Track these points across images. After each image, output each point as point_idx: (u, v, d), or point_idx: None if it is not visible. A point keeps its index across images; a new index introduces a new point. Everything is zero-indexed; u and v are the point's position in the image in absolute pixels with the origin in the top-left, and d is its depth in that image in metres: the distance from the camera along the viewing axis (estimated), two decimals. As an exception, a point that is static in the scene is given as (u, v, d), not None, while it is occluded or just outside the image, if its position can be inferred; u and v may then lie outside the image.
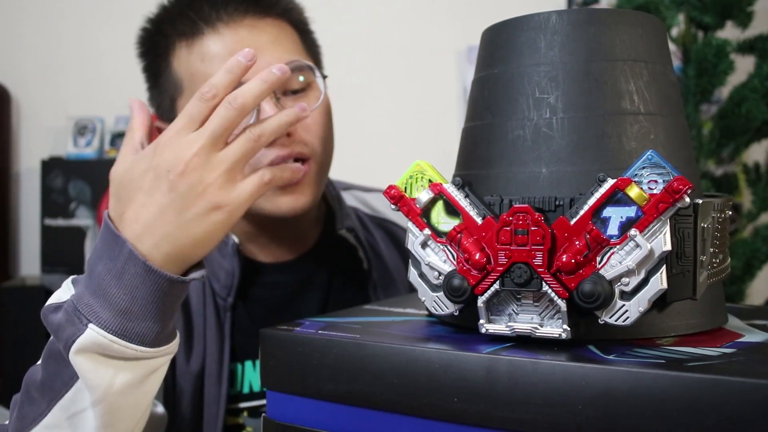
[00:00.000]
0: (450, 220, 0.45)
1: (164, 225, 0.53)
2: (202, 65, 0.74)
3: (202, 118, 0.54)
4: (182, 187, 0.52)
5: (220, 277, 0.78)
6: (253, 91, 0.55)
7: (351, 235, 0.83)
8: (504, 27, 0.49)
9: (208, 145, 0.53)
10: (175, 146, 0.53)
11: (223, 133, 0.54)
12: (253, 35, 0.75)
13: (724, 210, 0.47)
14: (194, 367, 0.75)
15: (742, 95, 1.47)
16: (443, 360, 0.42)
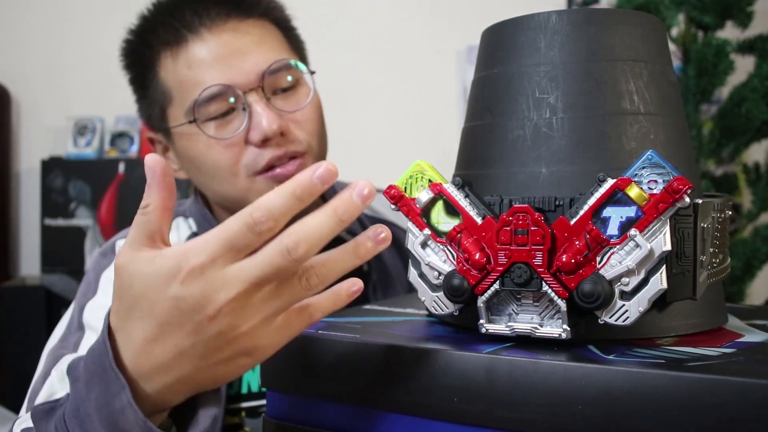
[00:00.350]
0: (450, 220, 0.45)
1: (181, 368, 0.43)
2: (189, 72, 0.74)
3: (246, 251, 0.41)
4: (210, 332, 0.41)
5: None
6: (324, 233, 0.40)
7: (350, 237, 0.83)
8: (504, 27, 0.49)
9: (250, 292, 0.40)
10: (209, 282, 0.40)
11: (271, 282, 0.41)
12: (237, 38, 0.75)
13: (724, 210, 0.47)
14: None
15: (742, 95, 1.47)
16: (443, 360, 0.42)
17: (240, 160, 0.74)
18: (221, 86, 0.73)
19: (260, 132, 0.73)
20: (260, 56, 0.74)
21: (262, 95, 0.74)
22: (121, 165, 2.26)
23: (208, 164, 0.76)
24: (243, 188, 0.75)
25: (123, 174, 2.26)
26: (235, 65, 0.74)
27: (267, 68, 0.74)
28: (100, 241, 2.25)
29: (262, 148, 0.73)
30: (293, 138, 0.75)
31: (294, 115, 0.76)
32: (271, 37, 0.78)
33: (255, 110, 0.73)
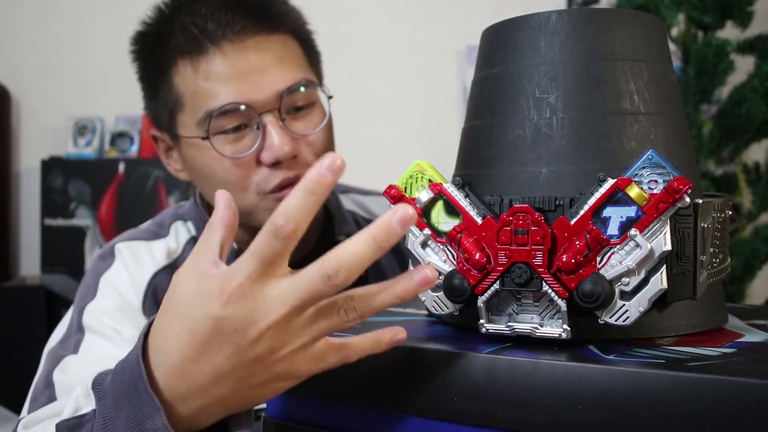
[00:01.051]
0: (450, 220, 0.45)
1: (218, 390, 0.42)
2: (206, 83, 0.73)
3: (279, 259, 0.42)
4: (250, 354, 0.41)
5: None
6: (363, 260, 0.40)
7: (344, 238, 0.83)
8: (504, 27, 0.49)
9: (292, 315, 0.40)
10: (250, 302, 0.40)
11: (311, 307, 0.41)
12: (258, 55, 0.74)
13: (724, 210, 0.47)
14: None
15: (742, 95, 1.47)
16: (443, 360, 0.42)
17: (250, 177, 0.74)
18: (237, 104, 0.72)
19: (272, 154, 0.72)
20: (279, 75, 0.73)
21: (277, 116, 0.73)
22: (121, 165, 2.26)
23: (216, 178, 0.75)
24: (251, 204, 0.75)
25: (123, 174, 2.26)
26: (254, 83, 0.72)
27: (285, 89, 0.73)
28: (100, 241, 2.25)
29: (273, 169, 0.73)
30: (304, 161, 0.74)
31: (308, 139, 0.75)
32: (291, 55, 0.77)
33: (269, 131, 0.72)
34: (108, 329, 0.73)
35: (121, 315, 0.74)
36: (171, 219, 0.84)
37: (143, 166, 2.27)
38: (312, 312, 0.41)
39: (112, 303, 0.75)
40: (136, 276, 0.77)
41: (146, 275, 0.78)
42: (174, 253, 0.81)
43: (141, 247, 0.80)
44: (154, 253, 0.80)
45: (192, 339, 0.41)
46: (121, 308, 0.75)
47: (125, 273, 0.77)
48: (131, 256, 0.79)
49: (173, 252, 0.81)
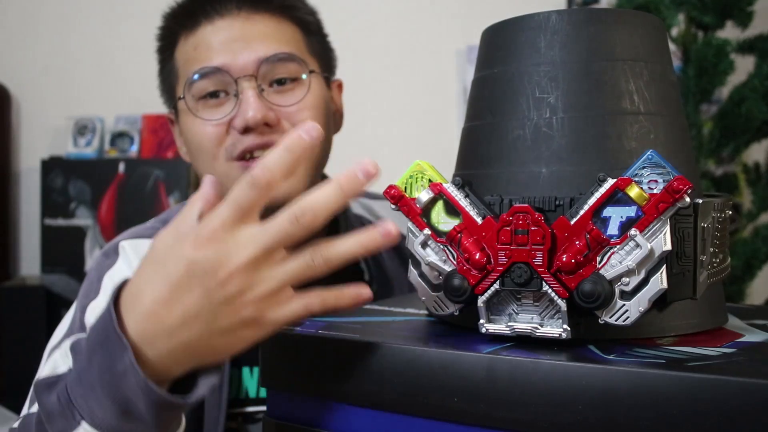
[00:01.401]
0: (450, 219, 0.45)
1: (186, 333, 0.44)
2: (194, 52, 0.76)
3: (253, 208, 0.44)
4: (219, 296, 0.43)
5: None
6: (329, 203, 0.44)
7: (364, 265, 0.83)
8: (504, 27, 0.49)
9: (260, 258, 0.43)
10: (222, 246, 0.43)
11: (280, 248, 0.44)
12: (246, 27, 0.76)
13: (724, 210, 0.47)
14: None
15: (742, 95, 1.47)
16: (443, 360, 0.42)
17: (222, 143, 0.75)
18: (214, 68, 0.74)
19: (243, 119, 0.73)
20: (262, 45, 0.75)
21: (254, 83, 0.74)
22: (121, 165, 2.26)
23: (195, 143, 0.77)
24: (221, 173, 0.75)
25: (123, 174, 2.26)
26: (236, 50, 0.75)
27: (265, 57, 0.74)
28: (100, 241, 2.25)
29: (243, 135, 0.74)
30: (280, 131, 0.75)
31: (288, 109, 0.76)
32: (282, 33, 0.78)
33: (244, 97, 0.73)
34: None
35: None
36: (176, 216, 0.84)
37: (143, 166, 2.27)
38: (280, 257, 0.44)
39: None
40: None
41: None
42: None
43: (145, 245, 0.80)
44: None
45: (164, 282, 0.43)
46: None
47: (129, 272, 0.77)
48: (135, 254, 0.79)
49: None
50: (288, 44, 0.77)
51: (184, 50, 0.78)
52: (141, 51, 2.62)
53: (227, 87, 0.75)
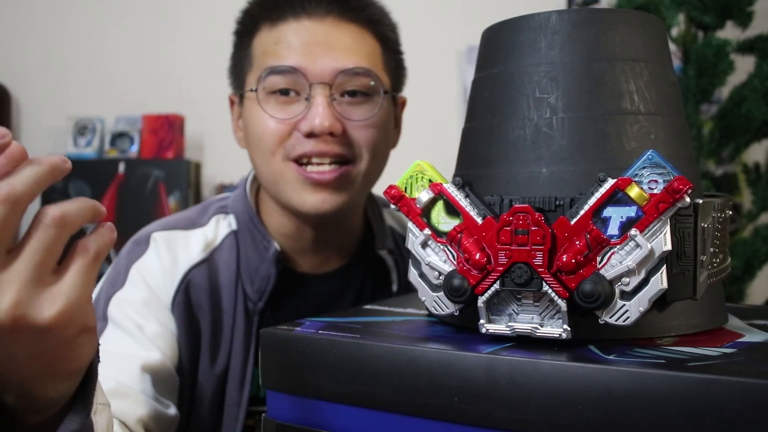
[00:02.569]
0: (450, 220, 0.45)
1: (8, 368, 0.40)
2: (274, 47, 0.76)
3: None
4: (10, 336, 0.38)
5: (255, 280, 0.77)
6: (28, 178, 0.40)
7: (391, 257, 0.83)
8: (504, 27, 0.49)
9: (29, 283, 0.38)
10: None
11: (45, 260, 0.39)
12: (331, 33, 0.76)
13: (724, 210, 0.47)
14: (218, 369, 0.75)
15: (742, 95, 1.47)
16: (443, 360, 0.42)
17: (283, 142, 0.75)
18: (291, 67, 0.74)
19: (310, 124, 0.73)
20: (343, 55, 0.75)
21: (328, 91, 0.74)
22: (121, 165, 2.26)
23: (256, 135, 0.77)
24: (277, 170, 0.75)
25: (123, 174, 2.26)
26: (316, 55, 0.74)
27: (344, 68, 0.74)
28: (100, 241, 2.24)
29: (306, 139, 0.74)
30: (343, 141, 0.74)
31: (354, 123, 0.75)
32: (364, 46, 0.77)
33: (315, 103, 0.73)
34: (131, 324, 0.72)
35: (147, 309, 0.73)
36: (214, 210, 0.84)
37: (143, 166, 2.27)
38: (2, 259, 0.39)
39: (139, 295, 0.74)
40: (170, 270, 0.76)
41: (180, 270, 0.76)
42: (211, 245, 0.79)
43: (178, 238, 0.79)
44: (190, 245, 0.79)
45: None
46: (148, 302, 0.74)
47: (158, 265, 0.76)
48: (166, 247, 0.78)
49: (210, 243, 0.80)
50: (367, 58, 0.77)
51: (263, 41, 0.78)
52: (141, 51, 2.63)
53: (300, 88, 0.75)
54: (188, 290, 0.75)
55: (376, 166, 0.78)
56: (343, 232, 0.83)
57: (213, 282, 0.77)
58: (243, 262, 0.78)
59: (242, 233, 0.80)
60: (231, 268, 0.78)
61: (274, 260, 0.77)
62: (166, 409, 0.70)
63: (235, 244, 0.79)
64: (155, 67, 2.42)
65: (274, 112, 0.75)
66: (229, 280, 0.77)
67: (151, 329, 0.72)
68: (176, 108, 2.35)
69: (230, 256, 0.78)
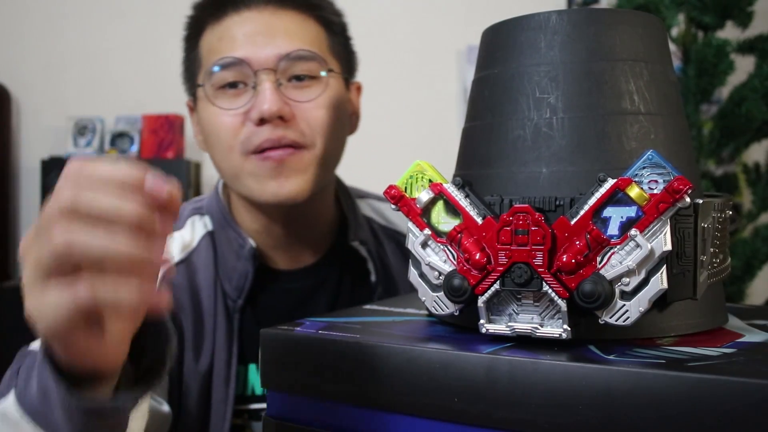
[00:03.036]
0: (450, 220, 0.45)
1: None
2: (218, 43, 0.77)
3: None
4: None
5: (233, 278, 0.78)
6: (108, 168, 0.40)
7: (363, 247, 0.83)
8: (504, 27, 0.49)
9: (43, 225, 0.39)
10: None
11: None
12: (270, 21, 0.76)
13: (724, 210, 0.47)
14: (202, 367, 0.75)
15: (742, 95, 1.47)
16: (443, 360, 0.42)
17: (238, 135, 0.75)
18: (235, 59, 0.75)
19: (259, 110, 0.73)
20: (285, 41, 0.76)
21: (273, 77, 0.74)
22: (121, 165, 2.26)
23: (211, 133, 0.77)
24: (236, 165, 0.76)
25: (123, 174, 2.26)
26: (258, 43, 0.75)
27: (286, 53, 0.75)
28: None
29: (259, 127, 0.74)
30: (295, 127, 0.75)
31: (304, 106, 0.76)
32: (306, 31, 0.78)
33: (261, 89, 0.74)
34: None
35: None
36: (189, 212, 0.85)
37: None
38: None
39: None
40: None
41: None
42: (188, 247, 0.81)
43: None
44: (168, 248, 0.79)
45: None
46: None
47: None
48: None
49: (188, 246, 0.81)
50: (311, 42, 0.78)
51: (208, 40, 0.79)
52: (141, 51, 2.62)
53: (246, 79, 0.75)
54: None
55: (332, 149, 0.79)
56: (314, 225, 0.83)
57: (192, 282, 0.78)
58: (220, 262, 0.79)
59: (218, 233, 0.81)
60: (209, 268, 0.79)
61: (250, 257, 0.78)
62: (159, 406, 0.70)
63: (211, 244, 0.81)
64: (155, 67, 2.42)
65: (224, 105, 0.76)
66: (207, 280, 0.78)
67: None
68: (176, 108, 2.35)
69: (207, 256, 0.79)
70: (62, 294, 0.38)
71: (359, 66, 0.90)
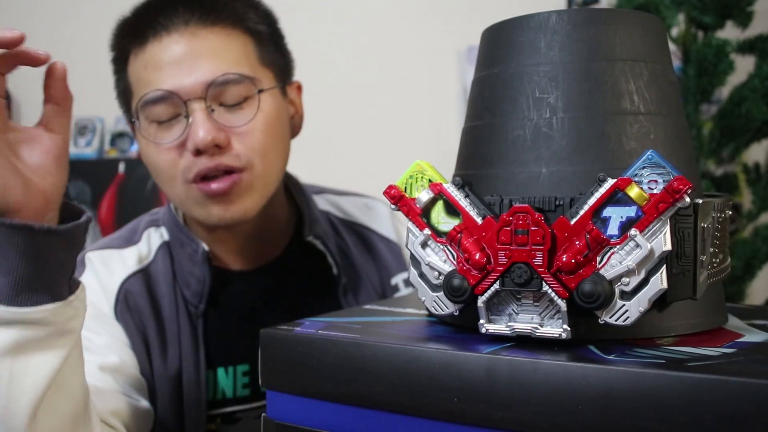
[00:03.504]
0: (450, 220, 0.45)
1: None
2: (144, 72, 0.75)
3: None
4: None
5: (191, 284, 0.79)
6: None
7: (318, 241, 0.83)
8: (504, 27, 0.49)
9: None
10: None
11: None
12: (193, 44, 0.74)
13: (724, 210, 0.47)
14: (171, 371, 0.76)
15: (742, 95, 1.47)
16: (443, 360, 0.42)
17: (177, 165, 0.74)
18: (164, 92, 0.73)
19: (193, 142, 0.72)
20: (211, 65, 0.73)
21: (203, 105, 0.73)
22: (121, 165, 2.26)
23: (151, 164, 0.77)
24: (180, 193, 0.75)
25: (123, 174, 2.26)
26: (184, 71, 0.73)
27: (213, 80, 0.73)
28: (100, 241, 2.25)
29: (196, 158, 0.73)
30: (231, 152, 0.74)
31: (239, 129, 0.74)
32: (233, 48, 0.76)
33: (194, 120, 0.72)
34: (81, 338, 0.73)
35: (94, 323, 0.74)
36: (145, 225, 0.85)
37: (143, 166, 2.26)
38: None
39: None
40: (107, 282, 0.78)
41: (117, 281, 0.78)
42: (145, 259, 0.81)
43: (112, 255, 0.81)
44: (125, 260, 0.80)
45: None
46: (93, 316, 0.74)
47: (95, 281, 0.78)
48: (102, 263, 0.79)
49: (144, 258, 0.81)
50: (238, 62, 0.75)
51: (135, 67, 0.77)
52: (141, 51, 2.62)
53: (178, 109, 0.74)
54: (127, 299, 0.77)
55: (272, 164, 0.78)
56: (267, 227, 0.83)
57: (150, 290, 0.78)
58: (178, 269, 0.80)
59: (173, 242, 0.81)
60: (167, 277, 0.79)
61: (204, 260, 0.78)
62: (137, 403, 0.71)
63: (168, 253, 0.81)
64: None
65: (159, 139, 0.75)
66: (167, 289, 0.79)
67: (101, 341, 0.73)
68: (176, 108, 2.35)
69: (165, 265, 0.80)
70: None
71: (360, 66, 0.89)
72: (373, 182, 0.99)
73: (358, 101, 2.25)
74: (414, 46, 2.43)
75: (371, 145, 2.26)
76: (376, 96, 2.39)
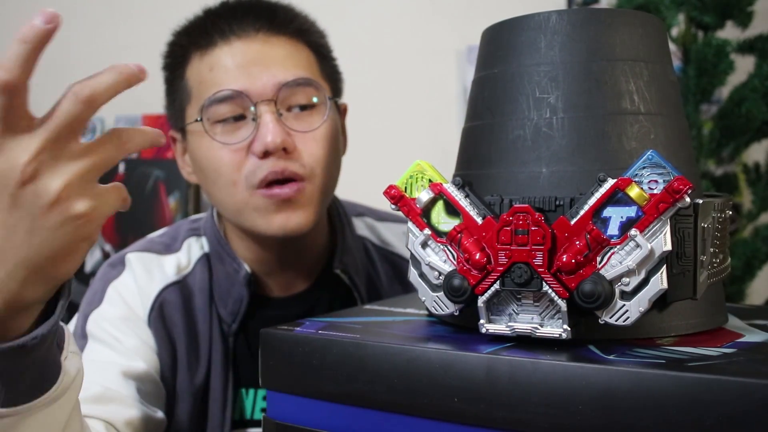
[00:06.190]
0: (450, 220, 0.45)
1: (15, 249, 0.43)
2: (210, 74, 0.75)
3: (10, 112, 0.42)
4: (26, 198, 0.42)
5: (228, 303, 0.78)
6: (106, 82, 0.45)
7: (345, 276, 0.82)
8: (504, 27, 0.49)
9: (48, 146, 0.42)
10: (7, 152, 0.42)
11: (68, 131, 0.43)
12: (264, 50, 0.75)
13: (724, 210, 0.47)
14: (197, 386, 0.75)
15: (742, 95, 1.47)
16: (443, 360, 0.42)
17: (241, 169, 0.73)
18: (233, 91, 0.73)
19: (262, 143, 0.72)
20: (281, 69, 0.74)
21: (273, 108, 0.73)
22: (121, 165, 2.26)
23: (211, 168, 0.75)
24: (241, 200, 0.74)
25: (123, 174, 2.26)
26: (254, 74, 0.73)
27: (284, 82, 0.73)
28: (100, 241, 2.25)
29: (262, 161, 0.72)
30: (297, 158, 0.74)
31: (304, 136, 0.75)
32: (298, 56, 0.77)
33: (263, 121, 0.72)
34: (109, 337, 0.73)
35: (125, 324, 0.74)
36: (185, 233, 0.84)
37: (143, 166, 2.27)
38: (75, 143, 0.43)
39: (117, 312, 0.75)
40: (145, 288, 0.77)
41: (155, 288, 0.78)
42: (184, 270, 0.80)
43: (152, 260, 0.80)
44: (164, 268, 0.80)
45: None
46: (125, 318, 0.75)
47: (134, 283, 0.77)
48: (142, 267, 0.79)
49: (183, 269, 0.80)
50: (305, 68, 0.77)
51: (197, 70, 0.76)
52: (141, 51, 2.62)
53: (246, 111, 0.73)
54: (162, 308, 0.77)
55: (330, 178, 0.78)
56: (307, 252, 0.82)
57: (187, 301, 0.78)
58: (215, 285, 0.79)
59: (213, 255, 0.81)
60: (204, 291, 0.79)
61: (245, 283, 0.78)
62: (153, 413, 0.70)
63: (207, 266, 0.80)
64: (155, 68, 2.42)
65: (224, 140, 0.74)
66: (203, 303, 0.78)
67: (129, 342, 0.73)
68: (176, 108, 2.35)
69: (203, 279, 0.79)
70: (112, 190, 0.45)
71: (360, 66, 0.89)
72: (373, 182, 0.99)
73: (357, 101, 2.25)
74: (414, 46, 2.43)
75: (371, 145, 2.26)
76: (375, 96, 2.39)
